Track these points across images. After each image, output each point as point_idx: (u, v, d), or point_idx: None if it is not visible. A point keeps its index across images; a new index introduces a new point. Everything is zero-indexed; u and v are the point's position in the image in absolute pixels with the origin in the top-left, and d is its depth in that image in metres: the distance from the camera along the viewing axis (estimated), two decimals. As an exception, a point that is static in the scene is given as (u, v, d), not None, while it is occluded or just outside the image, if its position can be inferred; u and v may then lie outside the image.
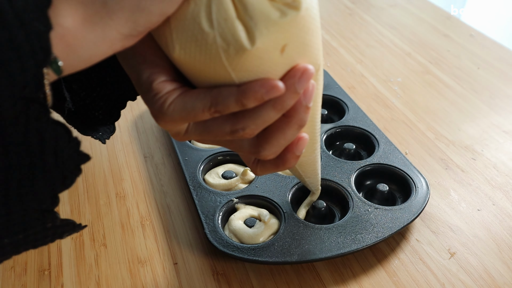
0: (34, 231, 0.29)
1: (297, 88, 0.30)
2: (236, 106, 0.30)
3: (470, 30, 0.98)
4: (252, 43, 0.27)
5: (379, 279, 0.48)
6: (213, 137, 0.33)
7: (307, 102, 0.31)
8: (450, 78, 0.82)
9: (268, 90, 0.29)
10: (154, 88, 0.30)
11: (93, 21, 0.26)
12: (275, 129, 0.32)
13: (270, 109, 0.30)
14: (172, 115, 0.30)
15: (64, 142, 0.27)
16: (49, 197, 0.28)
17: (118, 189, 0.59)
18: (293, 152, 0.35)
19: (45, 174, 0.28)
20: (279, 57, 0.29)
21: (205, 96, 0.30)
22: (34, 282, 0.48)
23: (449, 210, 0.56)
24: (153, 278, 0.48)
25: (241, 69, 0.29)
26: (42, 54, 0.24)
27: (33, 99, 0.25)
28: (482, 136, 0.68)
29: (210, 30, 0.28)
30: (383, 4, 1.11)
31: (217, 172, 0.58)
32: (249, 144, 0.34)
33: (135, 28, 0.27)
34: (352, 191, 0.54)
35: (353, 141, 0.63)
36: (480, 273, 0.48)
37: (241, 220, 0.51)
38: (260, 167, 0.37)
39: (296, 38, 0.29)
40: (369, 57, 0.88)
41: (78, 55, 0.26)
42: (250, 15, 0.27)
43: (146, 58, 0.31)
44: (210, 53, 0.28)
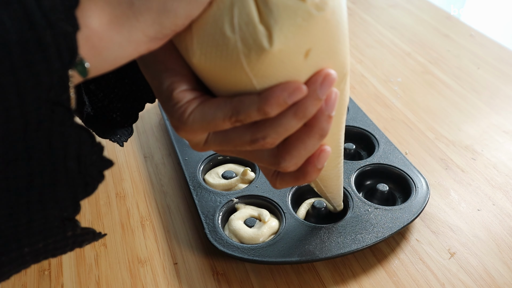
0: (54, 240, 0.29)
1: (319, 94, 0.29)
2: (258, 114, 0.29)
3: (470, 30, 0.98)
4: (273, 45, 0.27)
5: (379, 279, 0.48)
6: (233, 147, 0.32)
7: (329, 111, 0.30)
8: (450, 78, 0.82)
9: (290, 93, 0.28)
10: (175, 97, 0.30)
11: (119, 23, 0.26)
12: (295, 139, 0.31)
13: (292, 117, 0.29)
14: (192, 125, 0.30)
15: (87, 147, 0.27)
16: (71, 204, 0.28)
17: (118, 189, 0.59)
18: (314, 165, 0.33)
19: (68, 181, 0.27)
20: (303, 62, 0.28)
21: (226, 105, 0.29)
22: (34, 282, 0.48)
23: (449, 210, 0.56)
24: (153, 278, 0.48)
25: (263, 74, 0.28)
26: (68, 55, 0.24)
27: (58, 102, 0.24)
28: (482, 136, 0.68)
29: (232, 35, 0.27)
30: (383, 4, 1.11)
31: (217, 172, 0.58)
32: (269, 155, 0.33)
33: (161, 30, 0.27)
34: (352, 191, 0.54)
35: (353, 141, 0.63)
36: (480, 273, 0.48)
37: (241, 220, 0.51)
38: (279, 179, 0.36)
39: (322, 43, 0.28)
40: (369, 57, 0.88)
41: (103, 57, 0.26)
42: (275, 18, 0.26)
43: (167, 67, 0.30)
44: (231, 58, 0.27)
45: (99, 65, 0.26)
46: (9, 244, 0.27)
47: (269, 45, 0.27)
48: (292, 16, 0.26)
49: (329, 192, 0.46)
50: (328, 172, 0.42)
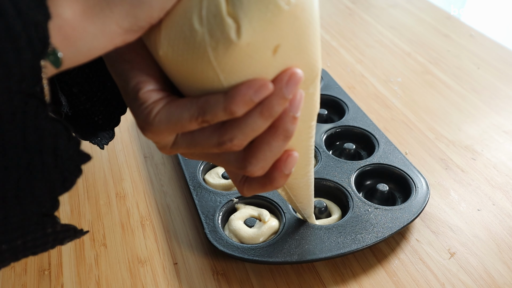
0: (34, 237, 0.28)
1: (285, 93, 0.28)
2: (224, 114, 0.28)
3: (470, 30, 0.98)
4: (241, 38, 0.26)
5: (379, 279, 0.48)
6: (201, 150, 0.31)
7: (293, 112, 0.29)
8: (450, 78, 0.82)
9: (256, 90, 0.27)
10: (141, 97, 0.29)
11: (93, 13, 0.25)
12: (261, 141, 0.31)
13: (258, 116, 0.29)
14: (158, 126, 0.29)
15: (64, 140, 0.26)
16: (49, 199, 0.27)
17: (118, 189, 0.59)
18: (281, 170, 0.33)
19: (44, 175, 0.26)
20: (271, 58, 0.28)
21: (192, 105, 0.29)
22: (34, 282, 0.48)
23: (449, 210, 0.56)
24: (153, 278, 0.48)
25: (230, 69, 0.27)
26: (40, 45, 0.23)
27: (30, 94, 0.24)
28: (482, 136, 0.68)
29: (199, 27, 0.26)
30: (383, 4, 1.11)
31: (217, 172, 0.58)
32: (236, 159, 0.32)
33: (136, 22, 0.26)
34: (352, 191, 0.54)
35: (353, 141, 0.63)
36: (480, 273, 0.48)
37: (241, 220, 0.51)
38: (246, 186, 0.35)
39: (291, 40, 0.28)
40: (369, 57, 0.88)
41: (77, 48, 0.25)
42: (244, 11, 0.26)
43: (134, 66, 0.30)
44: (198, 51, 0.27)
45: (73, 56, 0.26)
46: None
47: (237, 38, 0.26)
48: (262, 9, 0.26)
49: (299, 202, 0.45)
50: (298, 180, 0.41)
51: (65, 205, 0.56)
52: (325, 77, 0.76)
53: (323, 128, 0.64)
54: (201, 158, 0.34)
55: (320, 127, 0.64)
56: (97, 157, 0.63)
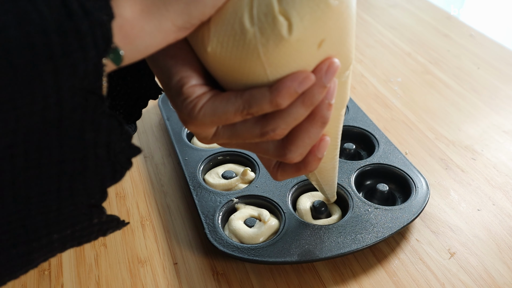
0: (81, 227, 0.29)
1: (324, 81, 0.30)
2: (270, 106, 0.30)
3: (470, 30, 0.98)
4: (292, 34, 0.27)
5: (379, 279, 0.48)
6: (242, 140, 0.33)
7: (329, 99, 0.31)
8: (450, 78, 0.82)
9: (300, 82, 0.29)
10: (185, 92, 0.30)
11: (150, 12, 0.26)
12: (299, 129, 0.32)
13: (300, 106, 0.30)
14: (202, 120, 0.30)
15: (117, 134, 0.27)
16: (99, 191, 0.28)
17: (118, 189, 0.59)
18: (315, 154, 0.34)
19: (97, 168, 0.27)
20: (315, 52, 0.29)
21: (237, 99, 0.30)
22: (34, 282, 0.48)
23: (449, 210, 0.56)
24: (153, 278, 0.48)
25: (278, 63, 0.29)
26: (104, 43, 0.24)
27: (91, 91, 0.25)
28: (482, 136, 0.68)
29: (250, 25, 0.28)
30: (383, 4, 1.11)
31: (217, 172, 0.58)
32: (275, 147, 0.34)
33: (189, 20, 0.27)
34: (352, 191, 0.54)
35: (353, 141, 0.63)
36: (480, 273, 0.48)
37: (241, 220, 0.51)
38: (281, 171, 0.37)
39: (334, 34, 0.29)
40: (369, 57, 0.88)
41: (135, 45, 0.27)
42: (297, 8, 0.27)
43: (177, 61, 0.31)
44: (248, 48, 0.28)
45: (130, 54, 0.27)
46: (39, 230, 0.28)
47: (288, 35, 0.27)
48: (314, 7, 0.27)
49: (325, 184, 0.47)
50: (326, 163, 0.43)
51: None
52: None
53: (323, 128, 0.64)
54: (240, 147, 0.35)
55: (320, 127, 0.64)
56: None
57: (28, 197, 0.26)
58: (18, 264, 0.28)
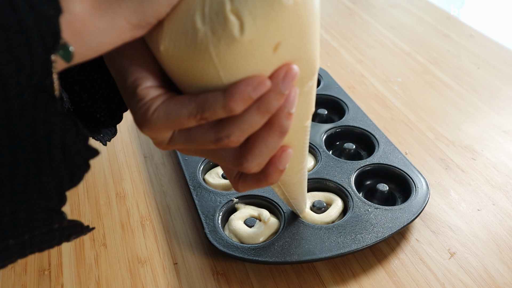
0: (41, 232, 0.28)
1: (281, 88, 0.29)
2: (223, 111, 0.28)
3: (470, 30, 0.98)
4: (244, 34, 0.26)
5: (379, 279, 0.48)
6: (198, 146, 0.32)
7: (288, 108, 0.30)
8: (450, 78, 0.82)
9: (254, 87, 0.28)
10: (139, 93, 0.29)
11: (102, 8, 0.25)
12: (257, 137, 0.31)
13: (255, 112, 0.29)
14: (156, 123, 0.29)
15: (72, 135, 0.26)
16: (56, 195, 0.27)
17: (118, 189, 0.59)
18: (275, 166, 0.33)
19: (52, 170, 0.26)
20: (271, 56, 0.28)
21: (190, 102, 0.29)
22: (34, 282, 0.48)
23: (449, 210, 0.56)
24: (153, 278, 0.48)
25: (231, 66, 0.28)
26: (51, 39, 0.23)
27: (41, 88, 0.24)
28: (482, 136, 0.68)
29: (202, 24, 0.27)
30: (383, 4, 1.11)
31: (217, 172, 0.58)
32: (232, 156, 0.33)
33: (144, 18, 0.27)
34: (352, 191, 0.54)
35: (353, 141, 0.63)
36: (480, 273, 0.48)
37: (241, 220, 0.51)
38: (241, 182, 0.35)
39: (291, 38, 0.28)
40: (369, 57, 0.88)
41: (86, 43, 0.26)
42: (249, 8, 0.26)
43: (132, 62, 0.30)
44: (200, 48, 0.27)
45: (82, 51, 0.26)
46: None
47: (240, 35, 0.26)
48: (267, 7, 0.26)
49: (292, 198, 0.46)
50: (291, 177, 0.42)
51: (65, 205, 0.56)
52: (325, 77, 0.76)
53: (323, 128, 0.64)
54: (197, 154, 0.34)
55: (320, 127, 0.64)
56: (97, 157, 0.63)
57: None
58: None
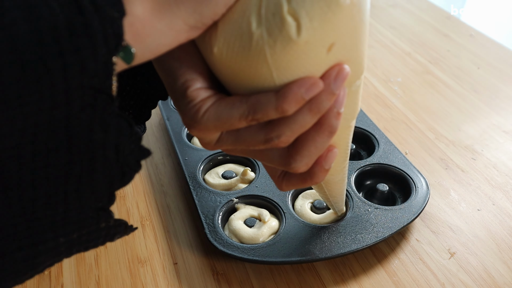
0: (88, 231, 0.28)
1: (333, 88, 0.29)
2: (275, 113, 0.29)
3: (470, 30, 0.98)
4: (300, 36, 0.26)
5: (379, 279, 0.48)
6: (246, 146, 0.31)
7: (338, 108, 0.30)
8: (450, 78, 0.82)
9: (307, 89, 0.28)
10: (189, 95, 0.29)
11: (161, 10, 0.26)
12: (306, 138, 0.31)
13: (307, 113, 0.29)
14: (206, 124, 0.29)
15: (126, 136, 0.26)
16: (107, 194, 0.27)
17: (118, 189, 0.58)
18: (321, 165, 0.33)
19: (105, 170, 0.26)
20: (325, 56, 0.28)
21: (242, 104, 0.29)
22: (34, 282, 0.48)
23: (449, 210, 0.56)
24: (153, 278, 0.48)
25: (285, 67, 0.28)
26: (114, 41, 0.23)
27: (100, 89, 0.24)
28: (482, 136, 0.68)
29: (257, 25, 0.27)
30: (383, 4, 1.11)
31: (217, 172, 0.58)
32: (280, 156, 0.32)
33: (201, 19, 0.27)
34: (352, 191, 0.54)
35: (353, 141, 0.63)
36: (480, 273, 0.48)
37: (241, 220, 0.51)
38: (286, 181, 0.35)
39: (345, 39, 0.28)
40: (369, 57, 0.88)
41: (145, 44, 0.26)
42: (306, 9, 0.26)
43: (182, 64, 0.30)
44: (255, 49, 0.27)
45: (142, 52, 0.26)
46: (45, 233, 0.27)
47: (296, 36, 0.26)
48: (324, 8, 0.26)
49: (332, 197, 0.46)
50: (334, 176, 0.41)
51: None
52: (325, 77, 0.76)
53: (323, 128, 0.64)
54: (244, 154, 0.34)
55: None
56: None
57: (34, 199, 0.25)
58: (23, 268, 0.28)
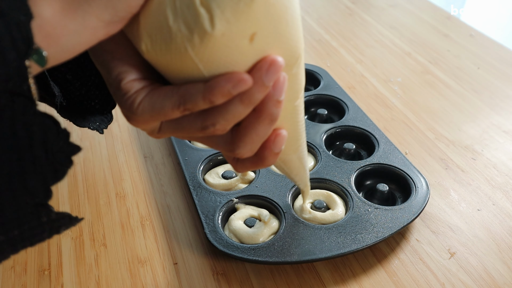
0: (30, 226, 0.29)
1: (265, 81, 0.29)
2: (204, 103, 0.29)
3: (470, 30, 0.98)
4: (215, 28, 0.26)
5: (379, 279, 0.48)
6: (186, 134, 0.32)
7: (277, 96, 0.30)
8: (450, 78, 0.82)
9: (234, 85, 0.28)
10: (123, 87, 0.30)
11: (71, 9, 0.25)
12: (246, 125, 0.31)
13: (238, 104, 0.29)
14: (142, 115, 0.30)
15: (53, 134, 0.26)
16: (42, 190, 0.28)
17: (118, 189, 0.59)
18: (270, 150, 0.33)
19: (36, 168, 0.27)
20: (248, 46, 0.27)
21: (173, 94, 0.29)
22: (34, 282, 0.48)
23: (449, 210, 0.56)
24: (153, 278, 0.48)
25: (209, 59, 0.27)
26: (24, 45, 0.23)
27: (17, 93, 0.24)
28: (482, 136, 0.68)
29: (174, 18, 0.26)
30: (383, 4, 1.11)
31: (217, 172, 0.58)
32: (224, 142, 0.33)
33: (116, 13, 0.26)
34: (352, 191, 0.54)
35: (353, 141, 0.63)
36: (480, 273, 0.48)
37: (241, 220, 0.51)
38: (240, 164, 0.36)
39: (267, 27, 0.27)
40: (369, 57, 0.88)
41: (60, 45, 0.26)
42: (217, 1, 0.26)
43: (114, 56, 0.30)
44: (176, 43, 0.27)
45: (57, 54, 0.26)
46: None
47: (211, 29, 0.26)
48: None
49: (294, 175, 0.45)
50: (289, 155, 0.41)
51: (65, 205, 0.56)
52: (325, 77, 0.76)
53: (323, 128, 0.64)
54: (192, 139, 0.35)
55: (320, 127, 0.64)
56: (97, 157, 0.63)
57: None
58: None
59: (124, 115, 0.31)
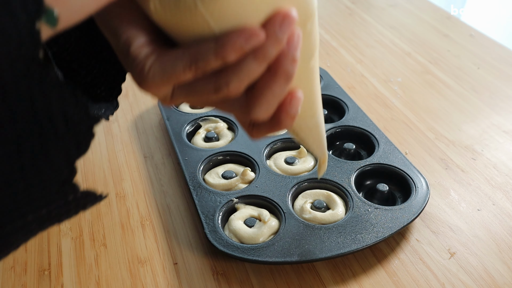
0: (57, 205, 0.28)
1: (278, 36, 0.28)
2: (216, 61, 0.28)
3: (470, 30, 0.98)
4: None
5: (379, 279, 0.48)
6: (199, 97, 0.31)
7: (292, 53, 0.29)
8: (450, 78, 0.82)
9: (247, 39, 0.27)
10: (132, 53, 0.29)
11: None
12: (261, 85, 0.31)
13: (252, 60, 0.28)
14: (153, 80, 0.29)
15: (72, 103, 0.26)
16: (66, 166, 0.27)
17: (118, 189, 0.59)
18: (287, 112, 0.32)
19: (58, 141, 0.26)
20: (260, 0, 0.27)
21: (184, 55, 0.29)
22: (34, 282, 0.48)
23: (449, 210, 0.56)
24: (153, 278, 0.48)
25: (219, 15, 0.27)
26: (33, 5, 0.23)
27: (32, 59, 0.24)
28: (482, 136, 0.68)
29: None
30: (383, 4, 1.11)
31: (217, 172, 0.58)
32: (240, 105, 0.32)
33: None
34: (352, 191, 0.54)
35: (353, 141, 0.63)
36: (480, 273, 0.48)
37: (241, 220, 0.51)
38: (255, 130, 0.35)
39: None
40: (369, 57, 0.88)
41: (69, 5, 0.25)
42: None
43: (122, 21, 0.30)
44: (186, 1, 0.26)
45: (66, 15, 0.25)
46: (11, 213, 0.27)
47: None
48: None
49: (311, 143, 0.44)
50: (306, 121, 0.40)
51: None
52: (325, 77, 0.76)
53: (323, 128, 0.64)
54: (205, 105, 0.34)
55: (320, 127, 0.64)
56: (97, 157, 0.63)
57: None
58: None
59: (135, 81, 0.30)
